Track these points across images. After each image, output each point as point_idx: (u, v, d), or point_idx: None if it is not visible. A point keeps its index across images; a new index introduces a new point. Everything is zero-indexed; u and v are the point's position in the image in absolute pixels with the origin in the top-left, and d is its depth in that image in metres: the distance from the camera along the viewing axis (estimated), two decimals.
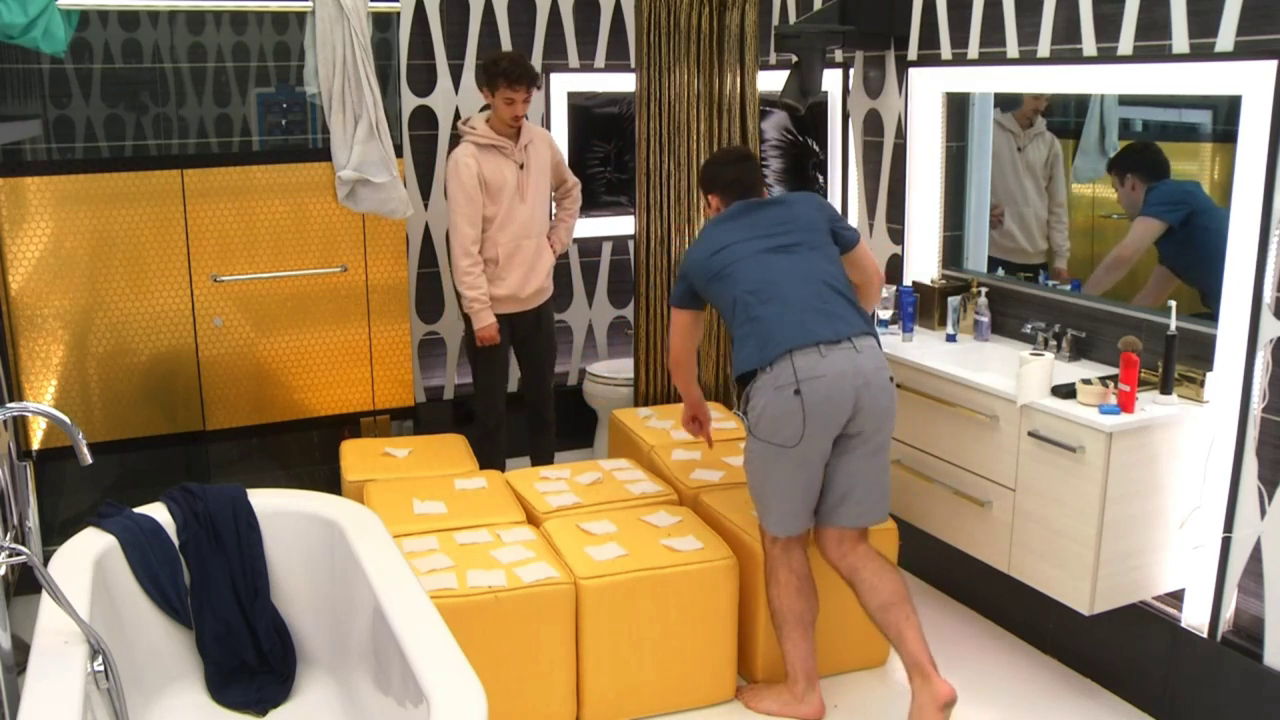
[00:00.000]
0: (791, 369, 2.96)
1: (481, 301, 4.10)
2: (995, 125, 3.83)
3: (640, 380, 4.54)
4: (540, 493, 3.60)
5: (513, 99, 4.01)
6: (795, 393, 2.94)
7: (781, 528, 3.09)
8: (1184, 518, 3.04)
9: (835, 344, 2.98)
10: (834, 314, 3.04)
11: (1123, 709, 3.25)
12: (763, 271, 3.13)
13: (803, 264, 3.14)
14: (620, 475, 3.74)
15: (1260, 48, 2.78)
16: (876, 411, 3.00)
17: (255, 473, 4.71)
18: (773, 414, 2.98)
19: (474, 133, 4.07)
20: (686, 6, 4.25)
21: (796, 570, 3.12)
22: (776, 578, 3.13)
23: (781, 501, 3.07)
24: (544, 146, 4.22)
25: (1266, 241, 2.78)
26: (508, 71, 3.98)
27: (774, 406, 2.98)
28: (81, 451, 2.35)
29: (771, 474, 3.06)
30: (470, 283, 4.07)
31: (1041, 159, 3.72)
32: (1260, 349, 2.84)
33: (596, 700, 3.14)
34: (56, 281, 3.80)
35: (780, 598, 3.13)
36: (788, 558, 3.12)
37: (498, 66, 4.00)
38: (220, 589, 2.82)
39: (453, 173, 4.03)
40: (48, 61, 4.30)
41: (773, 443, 3.01)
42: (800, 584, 3.12)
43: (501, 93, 4.01)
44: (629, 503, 3.53)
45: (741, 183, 3.35)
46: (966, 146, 3.94)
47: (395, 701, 2.38)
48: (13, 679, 2.37)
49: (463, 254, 4.05)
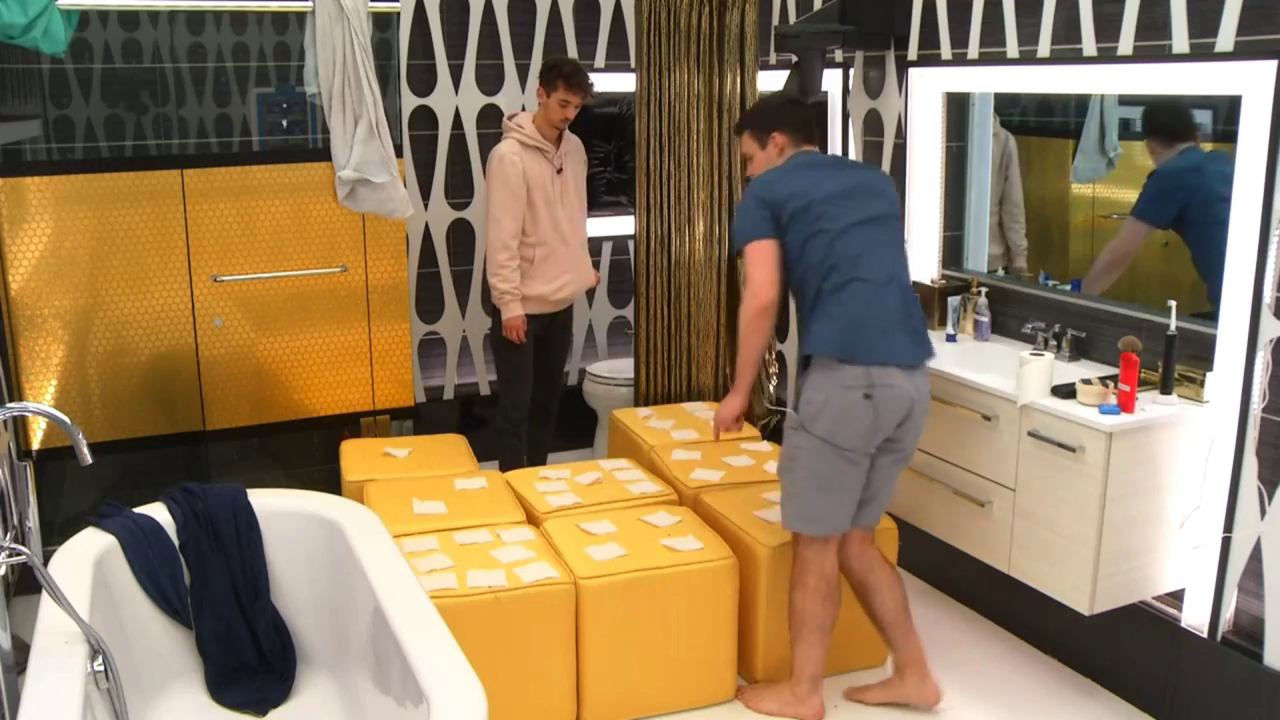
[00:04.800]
0: (867, 374, 2.89)
1: (512, 294, 4.19)
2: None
3: (640, 380, 4.54)
4: (540, 493, 3.60)
5: (568, 101, 4.15)
6: (866, 396, 2.88)
7: (825, 526, 3.02)
8: (1184, 518, 3.04)
9: (913, 368, 2.96)
10: (919, 333, 2.99)
11: (1123, 709, 3.25)
12: (852, 245, 2.95)
13: (888, 249, 3.00)
14: (620, 475, 3.74)
15: (1260, 48, 2.78)
16: (918, 425, 3.02)
17: (255, 473, 4.71)
18: (836, 413, 2.91)
19: (520, 131, 4.19)
20: (686, 6, 4.25)
21: (828, 575, 3.07)
22: (805, 581, 3.07)
23: (829, 502, 3.00)
24: (578, 159, 4.39)
25: (1266, 241, 2.77)
26: (570, 75, 4.12)
27: (839, 405, 2.90)
28: (81, 451, 2.35)
29: (823, 473, 2.98)
30: (505, 275, 4.16)
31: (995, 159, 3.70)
32: (1260, 349, 2.84)
33: (596, 700, 3.14)
34: (56, 281, 3.79)
35: (806, 600, 3.07)
36: (821, 561, 3.05)
37: (560, 69, 4.14)
38: (220, 589, 2.82)
39: (497, 167, 4.14)
40: (48, 61, 4.30)
41: (832, 442, 2.93)
42: (829, 590, 3.07)
43: (558, 94, 4.14)
44: (629, 503, 3.53)
45: (810, 126, 3.17)
46: (966, 146, 3.93)
47: (395, 701, 2.37)
48: (13, 679, 2.37)
49: (500, 247, 4.14)
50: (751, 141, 3.21)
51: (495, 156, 4.17)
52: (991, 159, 3.72)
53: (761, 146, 3.18)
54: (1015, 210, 3.66)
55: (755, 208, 3.03)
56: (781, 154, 3.15)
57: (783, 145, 3.15)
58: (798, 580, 3.09)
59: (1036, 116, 3.78)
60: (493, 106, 4.92)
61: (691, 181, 4.38)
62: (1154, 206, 3.25)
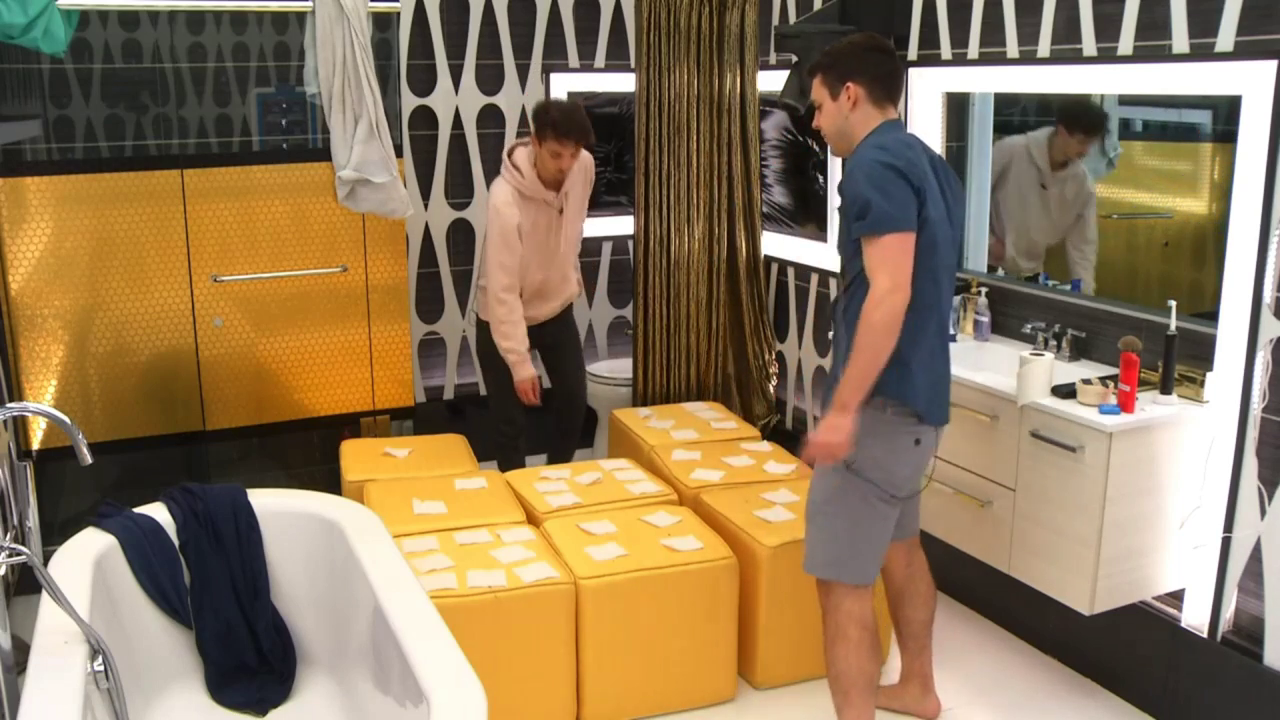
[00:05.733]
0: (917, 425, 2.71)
1: (519, 354, 3.94)
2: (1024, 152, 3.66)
3: (640, 380, 4.54)
4: (540, 493, 3.60)
5: (559, 153, 3.75)
6: (916, 442, 2.73)
7: (866, 575, 2.78)
8: (1184, 518, 3.04)
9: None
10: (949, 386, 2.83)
11: (1123, 709, 3.25)
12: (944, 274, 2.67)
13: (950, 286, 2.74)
14: (620, 475, 3.74)
15: (1260, 48, 2.78)
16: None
17: (255, 473, 4.71)
18: (887, 458, 2.70)
19: (518, 178, 3.86)
20: (686, 6, 4.25)
21: (869, 625, 2.80)
22: (847, 634, 2.77)
23: (872, 547, 2.79)
24: (584, 179, 4.07)
25: (1266, 241, 2.77)
26: (556, 124, 3.71)
27: (890, 449, 2.70)
28: (81, 451, 2.35)
29: (865, 519, 2.76)
30: (507, 332, 3.91)
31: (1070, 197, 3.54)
32: (1260, 349, 2.84)
33: (596, 700, 3.14)
34: (56, 281, 3.79)
35: (850, 657, 2.78)
36: (861, 610, 2.78)
37: (546, 115, 3.74)
38: (220, 589, 2.82)
39: (493, 216, 3.85)
40: (48, 61, 4.30)
41: (882, 487, 2.73)
42: (873, 640, 2.81)
43: (548, 144, 3.75)
44: (629, 503, 3.53)
45: (899, 85, 2.71)
46: (966, 147, 3.93)
47: (395, 701, 2.37)
48: (13, 679, 2.37)
49: (498, 301, 3.88)
50: (822, 88, 2.75)
51: (492, 204, 3.87)
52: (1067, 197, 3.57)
53: (833, 96, 2.72)
54: (1088, 249, 3.50)
55: (898, 183, 2.51)
56: (856, 110, 2.69)
57: (857, 99, 2.68)
58: (837, 636, 2.79)
59: (1036, 116, 3.78)
60: (493, 106, 4.92)
61: (691, 181, 4.38)
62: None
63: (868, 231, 2.52)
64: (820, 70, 2.74)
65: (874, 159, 2.56)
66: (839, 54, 2.71)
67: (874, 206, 2.51)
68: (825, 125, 2.76)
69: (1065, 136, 3.51)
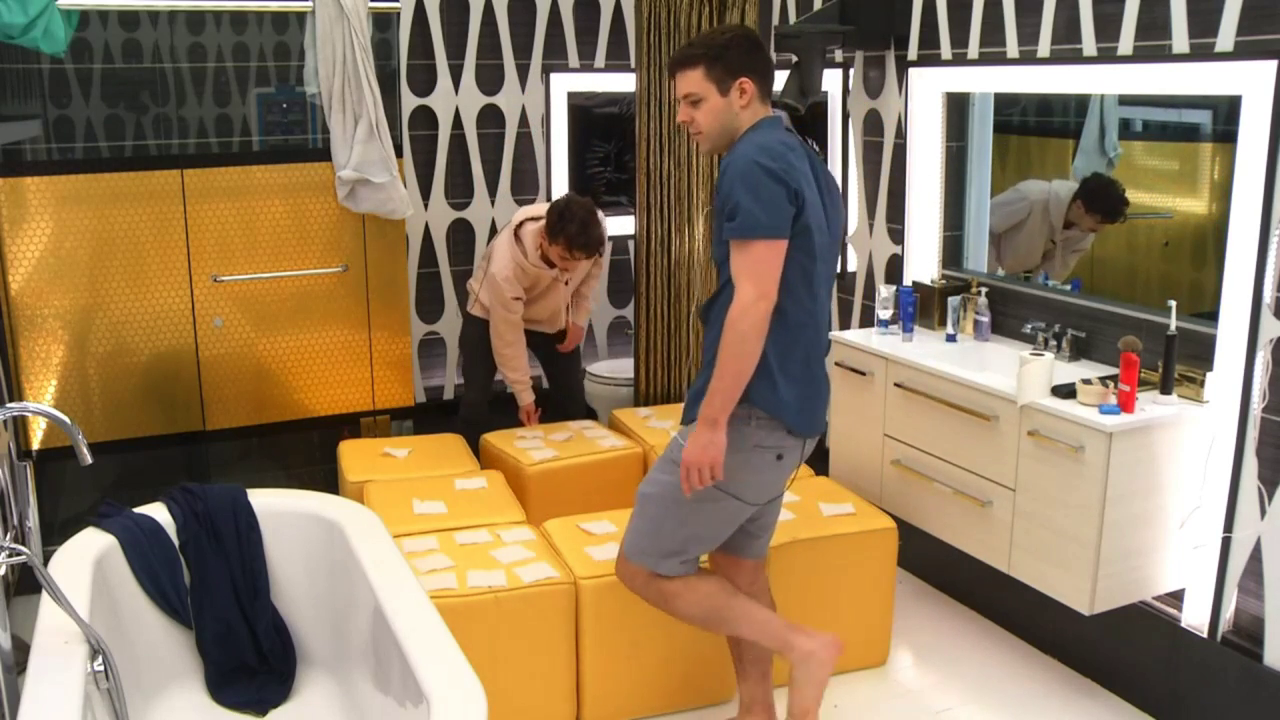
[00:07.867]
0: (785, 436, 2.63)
1: (523, 383, 4.17)
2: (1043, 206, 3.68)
3: (640, 380, 4.54)
4: (521, 449, 3.91)
5: (566, 258, 3.89)
6: (779, 458, 2.64)
7: (686, 569, 2.78)
8: (1184, 518, 3.04)
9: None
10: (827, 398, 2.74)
11: (1123, 709, 3.25)
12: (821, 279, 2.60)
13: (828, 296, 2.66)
14: (589, 433, 4.07)
15: (1260, 48, 2.78)
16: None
17: (255, 473, 4.71)
18: (742, 470, 2.61)
19: (520, 258, 3.96)
20: (686, 6, 4.25)
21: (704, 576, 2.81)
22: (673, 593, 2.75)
23: (700, 546, 2.78)
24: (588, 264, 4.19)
25: (1266, 241, 2.77)
26: (572, 237, 3.79)
27: (745, 462, 2.62)
28: (81, 451, 2.35)
29: (705, 518, 2.70)
30: (512, 364, 4.13)
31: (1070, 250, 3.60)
32: (1260, 349, 2.84)
33: (596, 700, 3.14)
34: (56, 281, 3.79)
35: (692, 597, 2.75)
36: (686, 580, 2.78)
37: (564, 222, 3.78)
38: (220, 589, 2.82)
39: (494, 286, 3.97)
40: (48, 61, 4.30)
41: (733, 494, 2.66)
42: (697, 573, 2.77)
43: (558, 248, 3.85)
44: (629, 503, 3.52)
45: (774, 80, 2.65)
46: (966, 146, 3.93)
47: (395, 701, 2.38)
48: (13, 679, 2.37)
49: (503, 345, 4.09)
50: (707, 81, 2.55)
51: (491, 271, 3.98)
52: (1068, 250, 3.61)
53: (721, 91, 2.55)
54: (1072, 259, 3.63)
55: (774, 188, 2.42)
56: (748, 108, 2.57)
57: (750, 100, 2.55)
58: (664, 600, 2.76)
59: (1036, 116, 3.78)
60: (493, 106, 4.92)
61: (691, 181, 4.37)
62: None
63: (737, 235, 2.43)
64: (704, 63, 2.55)
65: (753, 159, 2.45)
66: (726, 47, 2.55)
67: (745, 210, 2.41)
68: (707, 122, 2.59)
69: (1082, 211, 3.56)
